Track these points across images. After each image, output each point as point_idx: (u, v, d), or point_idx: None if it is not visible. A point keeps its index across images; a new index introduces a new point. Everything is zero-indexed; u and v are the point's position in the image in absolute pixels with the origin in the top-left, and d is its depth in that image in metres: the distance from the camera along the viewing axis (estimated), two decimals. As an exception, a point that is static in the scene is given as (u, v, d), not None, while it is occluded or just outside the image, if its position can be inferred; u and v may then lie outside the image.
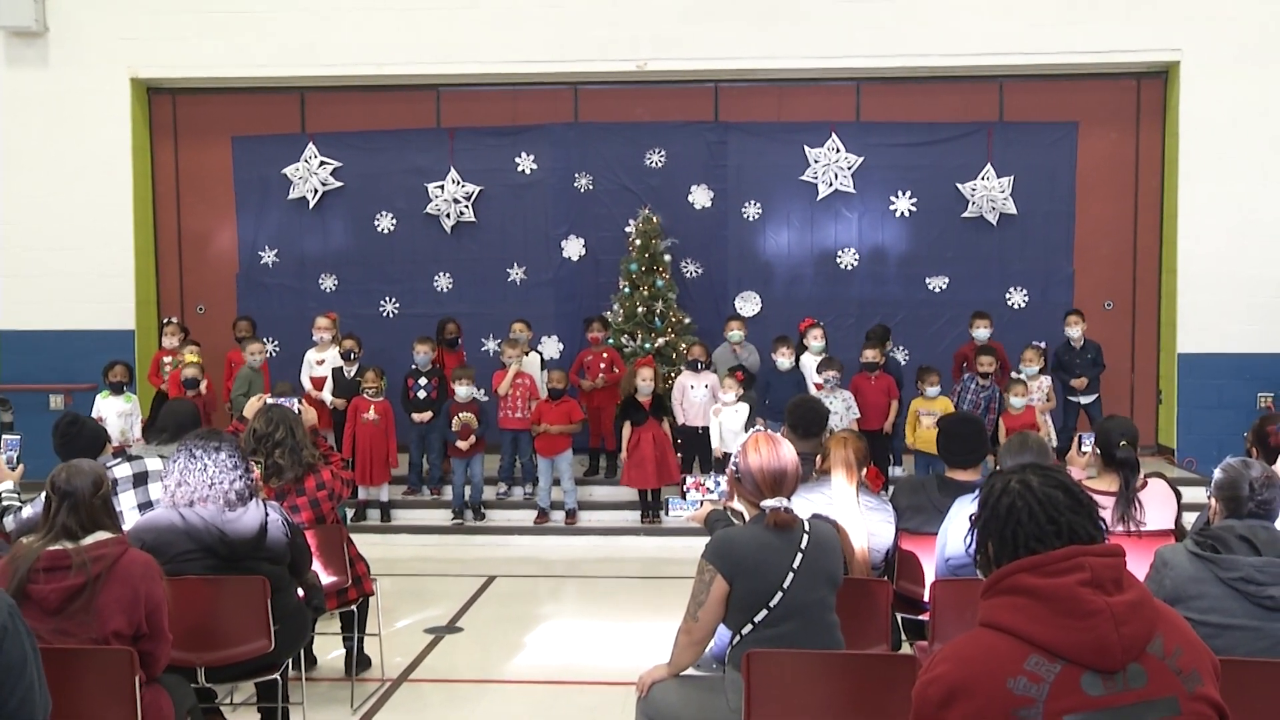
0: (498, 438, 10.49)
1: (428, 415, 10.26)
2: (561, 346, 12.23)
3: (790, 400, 6.35)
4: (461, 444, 9.99)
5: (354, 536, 6.20)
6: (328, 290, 12.50)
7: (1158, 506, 5.17)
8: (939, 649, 2.41)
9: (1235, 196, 11.28)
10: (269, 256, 12.59)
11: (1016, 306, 12.03)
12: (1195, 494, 7.37)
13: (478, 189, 12.30)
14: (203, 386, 10.06)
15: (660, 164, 12.24)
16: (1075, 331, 10.74)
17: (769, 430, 4.51)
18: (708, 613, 3.87)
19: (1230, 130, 11.29)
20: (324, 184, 12.41)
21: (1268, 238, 11.24)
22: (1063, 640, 2.23)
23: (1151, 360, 12.19)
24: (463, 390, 10.05)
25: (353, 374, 10.37)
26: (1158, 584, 3.76)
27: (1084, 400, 10.74)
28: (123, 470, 5.54)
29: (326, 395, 10.43)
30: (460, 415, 10.03)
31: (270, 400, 6.15)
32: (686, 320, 11.46)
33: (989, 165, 11.90)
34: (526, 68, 11.91)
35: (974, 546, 2.48)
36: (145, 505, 5.45)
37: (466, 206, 12.30)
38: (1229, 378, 11.30)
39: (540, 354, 11.45)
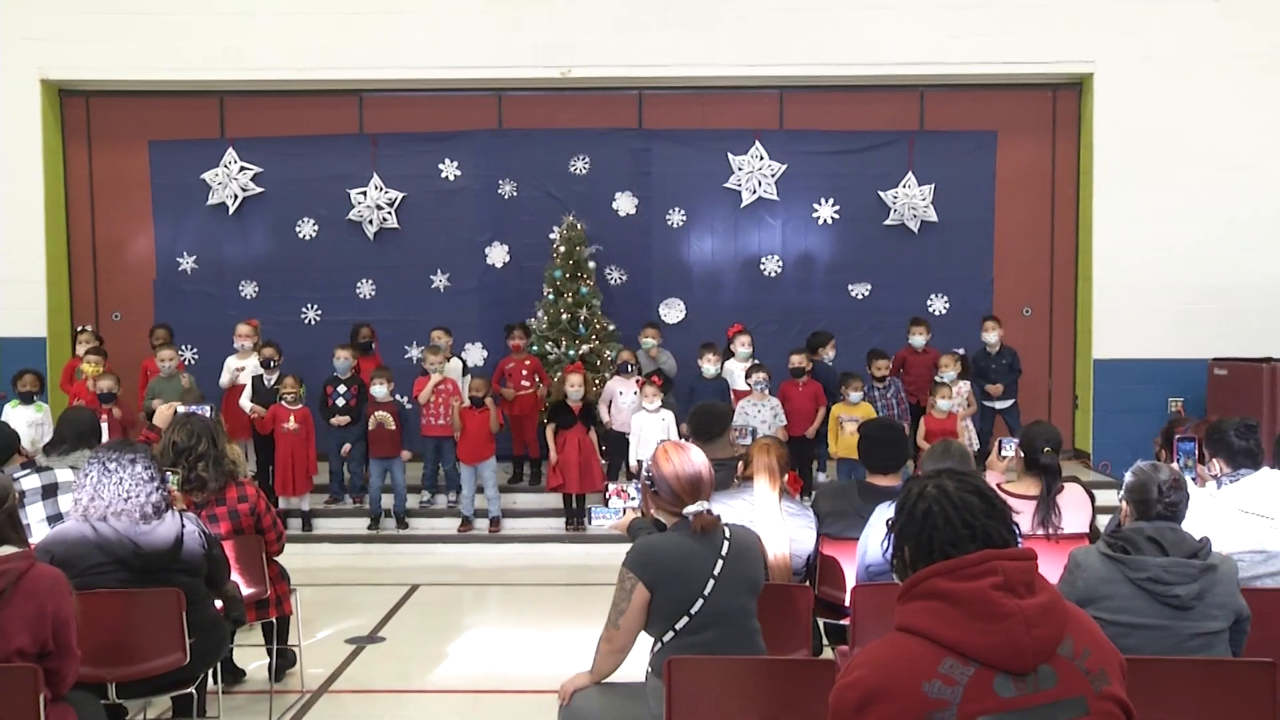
0: (420, 445, 10.39)
1: (345, 419, 10.15)
2: (486, 353, 12.17)
3: (690, 410, 6.44)
4: (386, 426, 9.90)
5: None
6: (248, 297, 12.33)
7: (1073, 510, 5.26)
8: (856, 653, 2.42)
9: (1148, 206, 11.57)
10: (188, 263, 12.38)
11: (938, 313, 12.19)
12: (1110, 497, 7.49)
13: (401, 195, 12.22)
14: (115, 405, 9.63)
15: (584, 171, 12.24)
16: (992, 337, 10.92)
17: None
18: (629, 620, 3.86)
19: (1142, 141, 11.57)
20: (244, 190, 12.25)
21: (1180, 246, 11.53)
22: (976, 643, 2.25)
23: (1068, 366, 12.44)
24: (379, 390, 9.96)
25: (272, 382, 10.22)
26: (1071, 585, 3.83)
27: (1000, 405, 10.91)
28: (31, 482, 5.40)
29: (245, 403, 10.26)
30: (376, 414, 9.95)
31: (185, 409, 6.03)
32: (611, 327, 11.46)
33: (910, 173, 12.07)
34: (451, 74, 11.88)
35: (890, 551, 2.51)
36: (55, 518, 5.33)
37: (390, 213, 12.21)
38: (1142, 383, 11.56)
39: (463, 360, 11.38)
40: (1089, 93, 11.89)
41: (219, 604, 5.11)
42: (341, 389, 10.23)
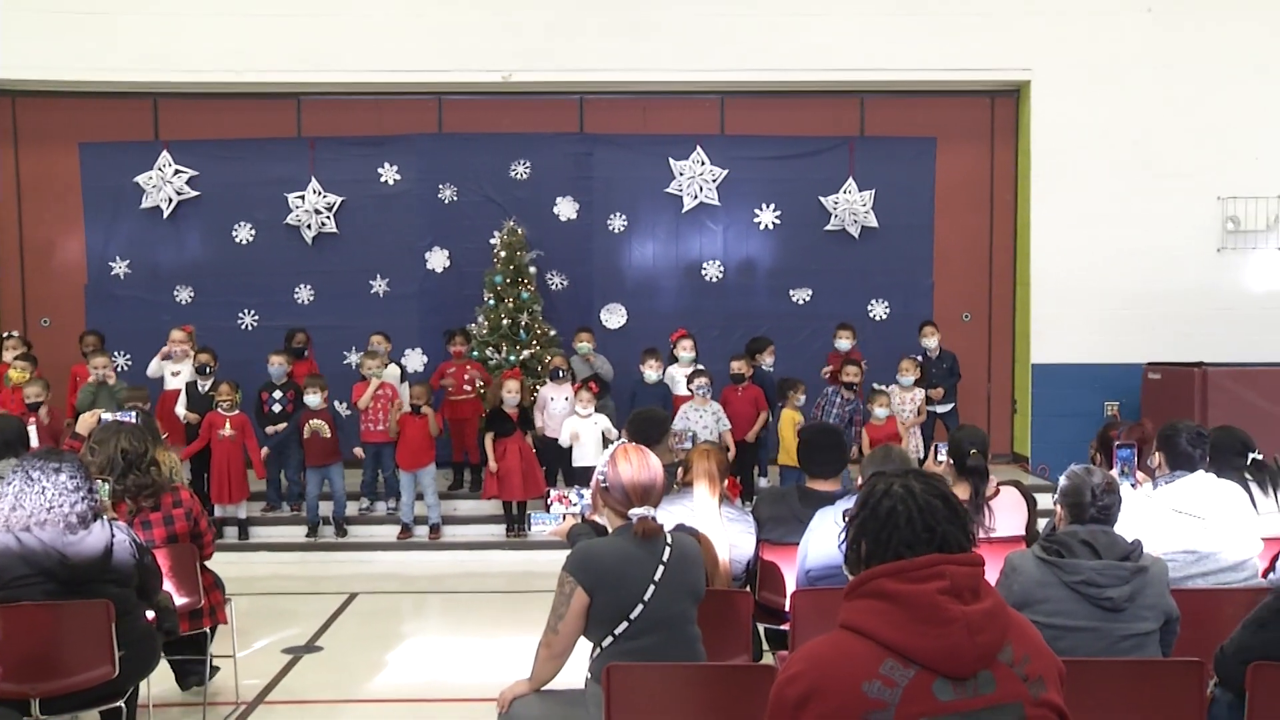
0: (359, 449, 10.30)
1: (281, 425, 10.03)
2: (425, 359, 12.10)
3: (629, 416, 6.44)
4: (321, 434, 9.80)
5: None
6: (183, 302, 12.16)
7: (1009, 513, 5.32)
8: (798, 649, 2.42)
9: (1084, 212, 11.74)
10: (120, 268, 12.18)
11: (878, 318, 12.29)
12: (1049, 501, 7.58)
13: (340, 200, 12.13)
14: (43, 412, 9.19)
15: (525, 175, 12.22)
16: (931, 342, 11.02)
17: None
18: (568, 625, 3.84)
19: (1079, 148, 11.74)
20: (179, 193, 12.09)
21: (1115, 252, 11.70)
22: (918, 646, 2.26)
23: (1007, 370, 12.59)
24: (313, 399, 9.86)
25: (207, 388, 10.07)
26: (1006, 589, 3.86)
27: (940, 410, 11.01)
28: (-46, 491, 5.26)
29: (180, 410, 10.10)
30: (311, 423, 9.85)
31: (112, 417, 5.91)
32: (552, 332, 11.44)
33: (851, 179, 12.16)
34: (390, 77, 11.81)
35: (846, 544, 2.50)
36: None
37: (328, 217, 12.11)
38: (1079, 387, 11.71)
39: (402, 366, 11.30)
40: (1026, 99, 12.05)
41: (151, 615, 5.01)
42: (277, 395, 10.11)
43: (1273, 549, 4.87)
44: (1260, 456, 5.52)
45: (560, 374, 10.26)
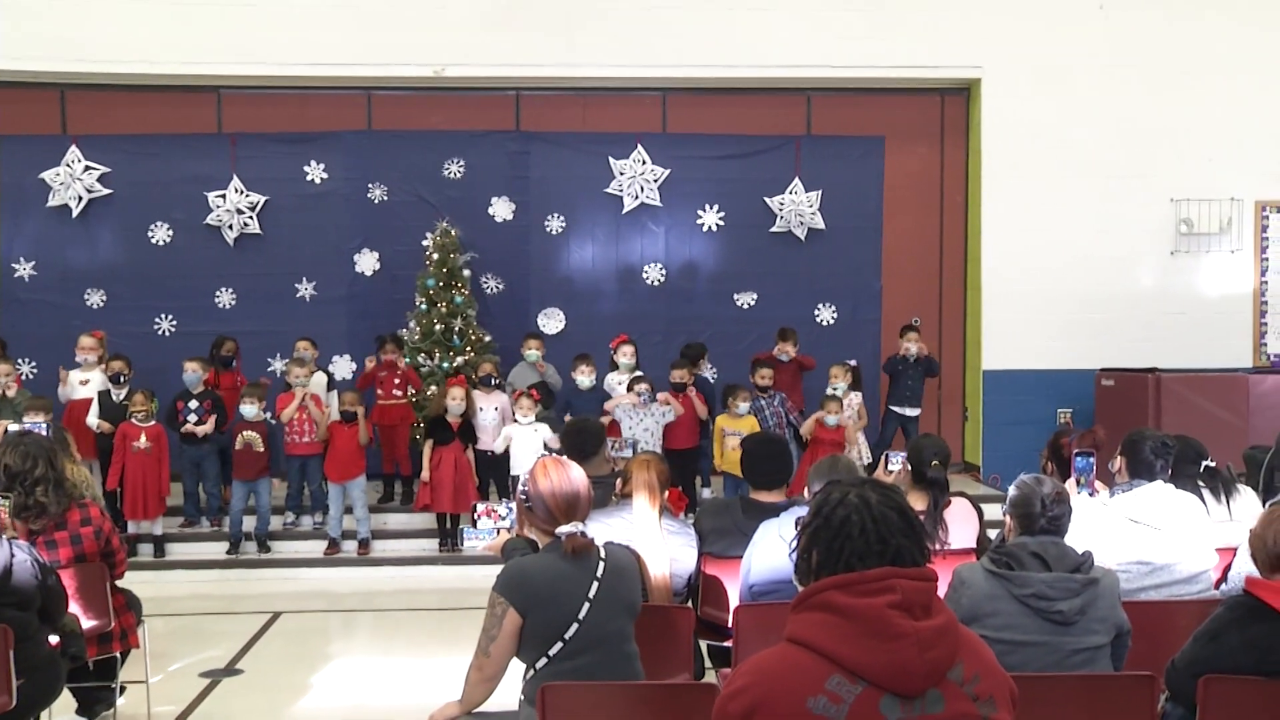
0: (284, 463, 10.19)
1: (200, 430, 9.84)
2: (354, 366, 12.00)
3: (563, 426, 6.40)
4: (255, 447, 9.68)
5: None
6: (95, 307, 11.95)
7: (959, 525, 5.35)
8: (743, 662, 2.42)
9: (1035, 215, 11.88)
10: (25, 269, 11.95)
11: (825, 323, 12.36)
12: (1000, 511, 7.65)
13: (263, 199, 11.99)
14: None
15: (459, 175, 12.16)
16: (913, 348, 11.03)
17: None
18: (500, 647, 3.80)
19: (1030, 148, 11.89)
20: (90, 191, 11.88)
21: (1067, 256, 11.86)
22: (866, 661, 2.26)
23: (958, 377, 12.71)
24: (249, 410, 9.72)
25: (121, 397, 9.90)
26: (955, 603, 3.88)
27: (909, 413, 11.06)
28: None
29: (92, 420, 9.91)
30: (244, 434, 9.72)
31: (18, 428, 5.78)
32: (487, 338, 11.40)
33: (797, 179, 12.21)
34: (316, 71, 11.70)
35: (797, 553, 2.50)
36: None
37: (251, 217, 11.96)
38: (1031, 394, 11.86)
39: (330, 374, 11.20)
40: (977, 98, 12.19)
41: (54, 639, 4.90)
42: (194, 404, 9.94)
43: (1225, 559, 4.94)
44: (1214, 464, 5.61)
45: (491, 381, 10.20)
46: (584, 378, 10.21)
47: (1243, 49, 11.96)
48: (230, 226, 11.94)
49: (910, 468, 5.51)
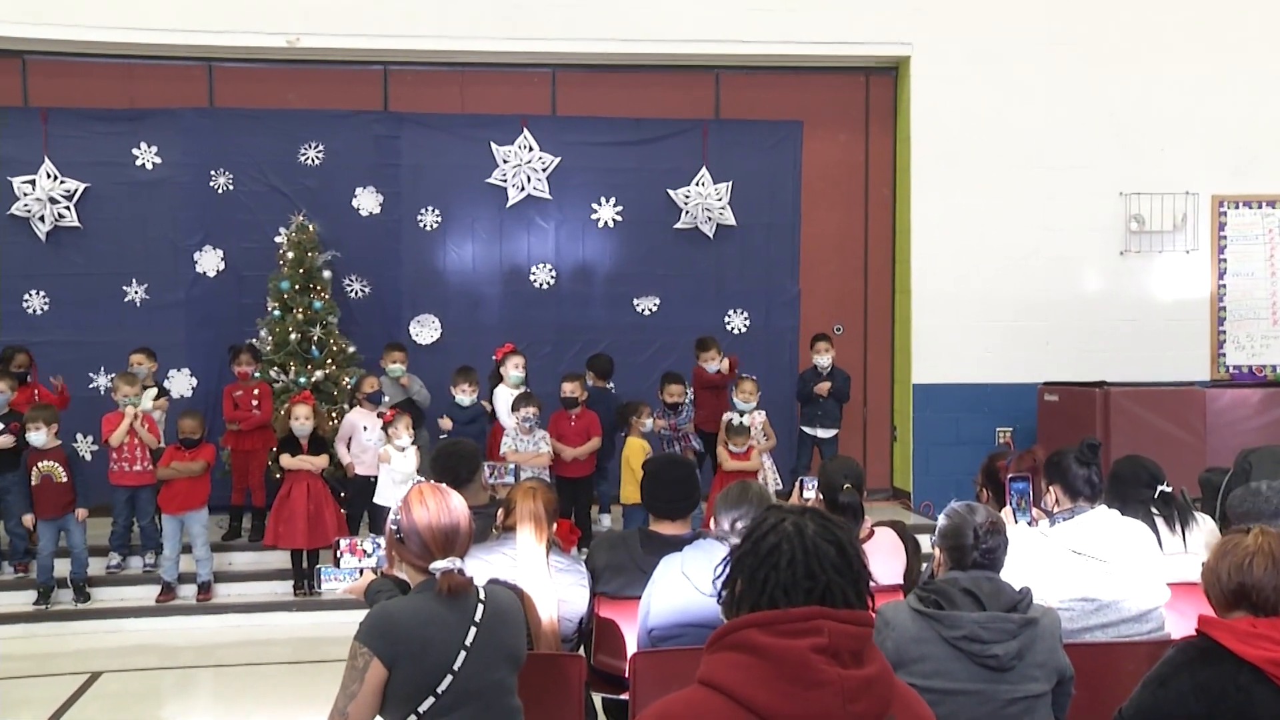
0: (108, 496, 9.91)
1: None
2: (195, 381, 11.85)
3: (435, 449, 6.36)
4: (55, 478, 9.40)
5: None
6: None
7: (884, 558, 5.36)
8: (650, 707, 2.41)
9: (970, 210, 12.03)
10: None
11: (737, 331, 12.41)
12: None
13: (82, 186, 11.77)
14: None
15: (317, 161, 12.07)
16: (824, 360, 11.12)
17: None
18: (360, 705, 3.73)
19: (964, 136, 12.04)
20: None
21: (1006, 256, 12.04)
22: (783, 709, 2.25)
23: (885, 392, 12.82)
24: (38, 437, 9.42)
25: (-92, 419, 9.59)
26: (879, 646, 3.84)
27: (822, 434, 11.10)
28: None
29: None
30: (40, 465, 9.44)
31: None
32: (350, 349, 11.35)
33: (704, 169, 12.26)
34: (145, 37, 11.49)
35: (722, 581, 2.52)
36: None
37: (67, 208, 11.72)
38: (968, 411, 12.00)
39: (166, 390, 11.01)
40: (905, 79, 12.33)
41: None
42: (-5, 427, 9.67)
43: (1180, 595, 4.97)
44: (1169, 489, 5.66)
45: (379, 398, 10.21)
46: (464, 396, 10.17)
47: (1197, 28, 12.21)
48: (41, 218, 11.67)
49: (822, 494, 5.50)
